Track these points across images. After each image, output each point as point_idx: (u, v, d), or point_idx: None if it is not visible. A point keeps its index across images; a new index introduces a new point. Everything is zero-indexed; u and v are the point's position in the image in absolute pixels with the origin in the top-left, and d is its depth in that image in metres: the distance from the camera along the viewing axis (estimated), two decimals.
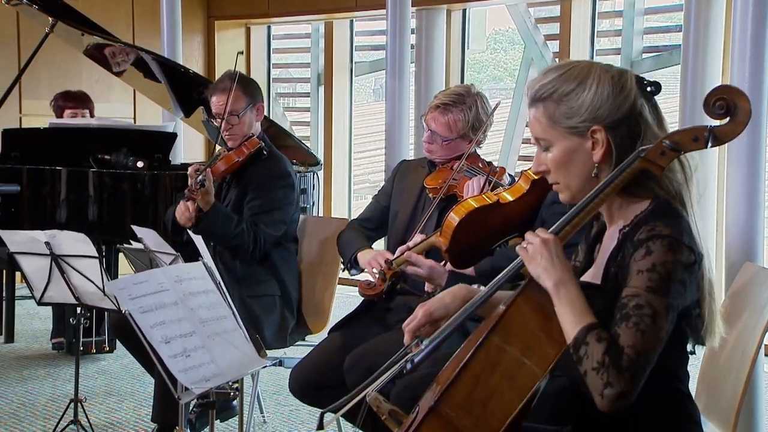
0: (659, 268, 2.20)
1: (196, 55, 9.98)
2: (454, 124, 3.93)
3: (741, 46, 4.26)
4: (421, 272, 3.46)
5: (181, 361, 2.80)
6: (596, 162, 2.39)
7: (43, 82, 8.74)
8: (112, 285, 2.88)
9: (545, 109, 2.42)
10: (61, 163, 5.88)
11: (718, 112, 2.25)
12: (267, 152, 4.63)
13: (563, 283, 2.26)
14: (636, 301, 2.18)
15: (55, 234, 4.08)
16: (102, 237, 5.75)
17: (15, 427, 5.01)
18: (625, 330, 2.17)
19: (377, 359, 3.57)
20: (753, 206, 4.25)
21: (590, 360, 2.16)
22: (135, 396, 5.53)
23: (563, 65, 2.45)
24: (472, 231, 3.21)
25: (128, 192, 5.64)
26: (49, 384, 5.79)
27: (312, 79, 10.06)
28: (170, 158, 6.29)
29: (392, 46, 6.44)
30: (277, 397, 5.34)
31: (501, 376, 2.19)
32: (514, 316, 2.25)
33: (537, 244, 2.31)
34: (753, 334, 3.16)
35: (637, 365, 2.14)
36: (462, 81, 8.59)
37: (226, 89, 4.57)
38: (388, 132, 6.34)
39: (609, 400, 2.13)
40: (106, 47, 6.39)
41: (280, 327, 4.55)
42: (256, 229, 4.47)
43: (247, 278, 4.53)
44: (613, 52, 8.19)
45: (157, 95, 6.91)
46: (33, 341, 6.82)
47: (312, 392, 3.84)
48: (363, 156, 11.72)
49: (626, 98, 2.35)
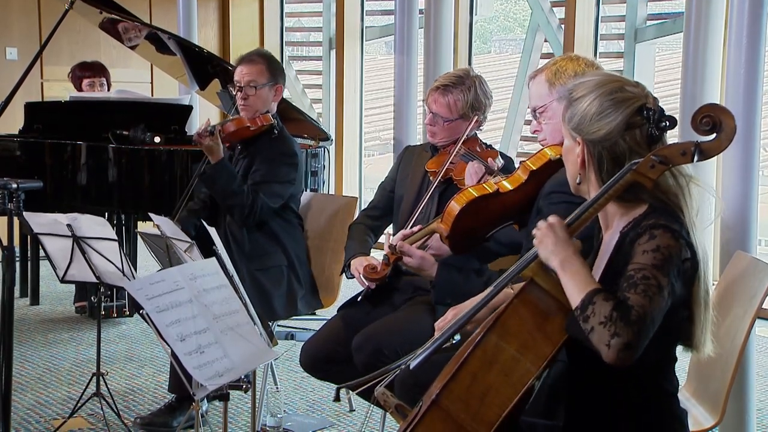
0: (663, 249, 2.30)
1: (211, 20, 10.09)
2: (455, 104, 4.08)
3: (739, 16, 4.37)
4: (412, 262, 3.55)
5: (195, 357, 2.92)
6: (578, 169, 2.55)
7: (63, 48, 8.90)
8: (129, 285, 3.03)
9: (564, 105, 2.59)
10: (81, 134, 6.11)
11: (704, 128, 2.37)
12: (278, 131, 4.78)
13: (568, 260, 2.37)
14: (643, 273, 2.27)
15: (76, 217, 4.23)
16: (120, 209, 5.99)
17: (41, 392, 5.23)
18: (633, 294, 2.25)
19: (384, 339, 3.76)
20: (747, 193, 4.31)
21: (597, 316, 2.23)
22: (154, 362, 5.76)
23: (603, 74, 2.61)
24: (472, 218, 3.31)
25: (146, 166, 5.87)
26: (72, 348, 6.04)
27: (324, 43, 10.15)
28: (186, 130, 6.49)
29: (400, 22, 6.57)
30: (290, 363, 5.56)
31: (498, 372, 2.34)
32: (511, 316, 2.39)
33: (544, 228, 2.44)
34: (742, 322, 3.26)
35: (644, 323, 2.21)
36: (470, 43, 8.78)
37: (253, 61, 4.75)
38: (397, 107, 6.48)
39: (616, 349, 2.19)
40: (120, 23, 6.56)
41: (288, 297, 4.70)
42: (255, 195, 4.62)
43: (255, 252, 4.69)
44: (617, 19, 8.26)
45: (173, 69, 7.08)
46: (57, 303, 7.08)
47: (322, 367, 4.02)
48: (373, 113, 11.79)
49: (608, 123, 2.45)
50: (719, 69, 5.62)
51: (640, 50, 7.92)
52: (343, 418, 4.92)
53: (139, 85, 9.44)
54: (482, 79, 4.17)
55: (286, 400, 5.15)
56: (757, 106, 4.39)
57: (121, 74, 7.84)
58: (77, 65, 7.14)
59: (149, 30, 6.54)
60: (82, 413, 4.71)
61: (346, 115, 9.68)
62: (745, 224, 4.29)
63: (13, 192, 4.85)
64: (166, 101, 6.76)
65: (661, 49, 8.53)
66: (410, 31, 6.84)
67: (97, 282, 4.37)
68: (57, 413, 4.91)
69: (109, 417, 4.57)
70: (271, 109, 4.84)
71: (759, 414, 5.02)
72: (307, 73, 10.89)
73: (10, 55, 9.21)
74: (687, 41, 5.58)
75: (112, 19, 6.53)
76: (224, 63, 6.59)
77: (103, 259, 4.23)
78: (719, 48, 5.61)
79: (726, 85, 4.51)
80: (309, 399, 5.20)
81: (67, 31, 8.39)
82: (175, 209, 4.75)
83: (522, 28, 12.57)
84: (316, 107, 10.40)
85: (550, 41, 8.50)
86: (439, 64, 6.77)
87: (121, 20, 6.49)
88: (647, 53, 8.01)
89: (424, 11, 6.98)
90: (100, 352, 4.54)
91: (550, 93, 3.30)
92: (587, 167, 2.53)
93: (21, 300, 6.99)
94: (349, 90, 9.66)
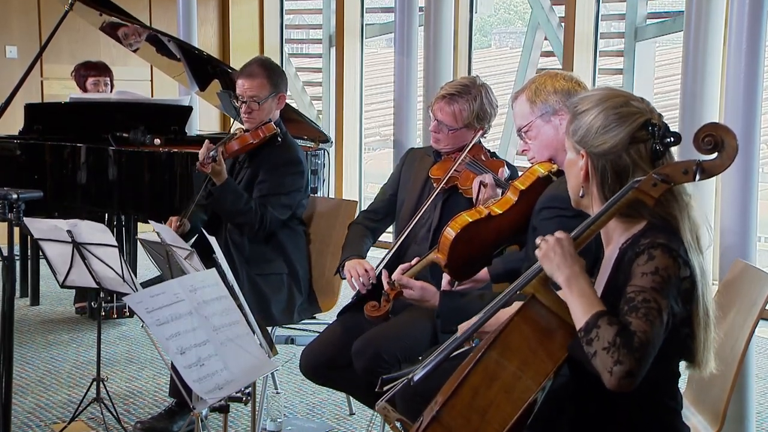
0: (662, 271, 2.31)
1: (210, 18, 10.09)
2: (460, 113, 4.07)
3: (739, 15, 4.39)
4: (414, 294, 3.49)
5: (195, 370, 2.92)
6: (581, 182, 2.56)
7: (63, 46, 8.90)
8: (130, 299, 3.03)
9: (569, 118, 2.60)
10: (81, 135, 6.11)
11: (706, 147, 2.36)
12: (281, 138, 4.76)
13: (575, 277, 2.37)
14: (643, 296, 2.29)
15: (76, 223, 4.21)
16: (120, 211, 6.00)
17: (41, 395, 5.23)
18: (635, 318, 2.26)
19: (384, 344, 3.79)
20: (746, 201, 4.32)
21: (601, 341, 2.25)
22: (154, 363, 5.76)
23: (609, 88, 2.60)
24: (468, 244, 3.31)
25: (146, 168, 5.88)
26: (72, 350, 6.05)
27: (324, 41, 10.15)
28: (186, 131, 6.50)
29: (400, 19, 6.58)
30: (290, 366, 5.58)
31: (498, 389, 2.35)
32: (512, 333, 2.39)
33: (551, 242, 2.44)
34: (742, 331, 3.28)
35: (646, 349, 2.23)
36: (470, 40, 8.78)
37: (253, 74, 4.70)
38: (397, 107, 6.49)
39: (617, 377, 2.21)
40: (120, 27, 6.57)
41: (287, 304, 4.71)
42: (264, 210, 4.62)
43: (256, 257, 4.69)
44: (617, 18, 8.27)
45: (172, 70, 7.09)
46: (57, 304, 7.10)
47: (322, 372, 4.05)
48: (373, 108, 11.79)
49: (613, 137, 2.46)
50: (719, 68, 5.63)
51: (640, 49, 7.92)
52: (343, 422, 4.93)
53: (139, 83, 9.47)
54: (488, 88, 4.17)
55: (286, 403, 5.16)
56: (757, 102, 4.42)
57: (121, 72, 7.82)
58: (81, 64, 7.16)
59: (149, 32, 6.53)
60: (83, 417, 4.71)
61: (346, 112, 9.68)
62: (744, 231, 4.30)
63: (13, 203, 4.86)
64: (166, 102, 6.77)
65: (661, 44, 8.51)
66: (410, 29, 6.83)
67: (97, 287, 4.37)
68: (57, 417, 4.92)
69: (110, 422, 4.58)
70: (274, 117, 4.82)
71: (758, 417, 5.02)
72: (307, 70, 10.88)
73: (10, 54, 9.22)
74: (687, 40, 5.58)
75: (113, 23, 6.53)
76: (224, 66, 6.59)
77: (103, 264, 4.23)
78: (719, 47, 5.63)
79: (726, 83, 4.52)
80: (309, 402, 5.20)
81: (67, 29, 8.34)
82: (185, 211, 4.75)
83: (522, 20, 12.54)
84: (316, 105, 10.41)
85: (550, 39, 8.51)
86: (440, 62, 6.78)
87: (121, 24, 6.48)
88: (647, 52, 8.01)
89: (424, 9, 6.98)
90: (100, 357, 4.55)
91: (532, 111, 3.33)
92: (590, 181, 2.54)
93: (21, 300, 7.00)
94: (349, 88, 9.67)
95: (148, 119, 6.18)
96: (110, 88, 7.08)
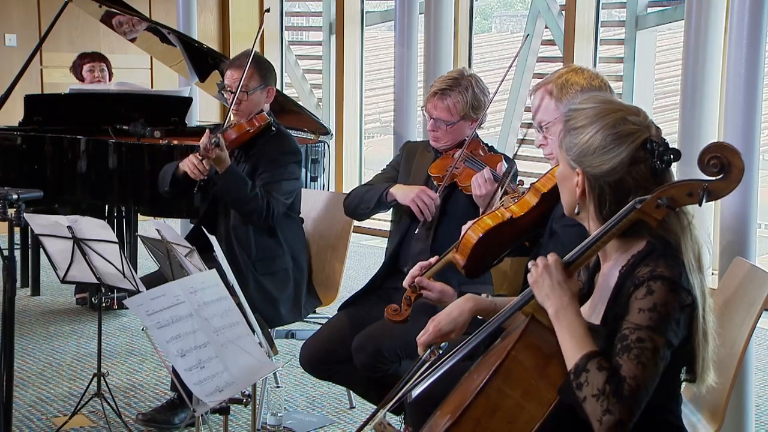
0: (660, 308, 2.26)
1: (210, 5, 10.07)
2: (454, 107, 4.07)
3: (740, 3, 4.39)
4: (432, 296, 3.46)
5: (195, 373, 2.92)
6: (577, 199, 2.50)
7: (63, 34, 8.89)
8: (130, 302, 3.03)
9: (562, 131, 2.54)
10: (81, 126, 6.11)
11: (712, 169, 2.30)
12: (275, 129, 4.77)
13: (564, 309, 2.33)
14: (638, 334, 2.24)
15: (76, 219, 4.22)
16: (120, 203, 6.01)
17: (42, 388, 5.24)
18: (627, 361, 2.22)
19: (384, 340, 3.82)
20: (746, 200, 4.29)
21: (591, 387, 2.20)
22: (155, 355, 5.74)
23: (603, 101, 2.51)
24: (486, 246, 3.29)
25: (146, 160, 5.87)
26: (74, 342, 6.06)
27: (324, 28, 10.13)
28: (186, 121, 6.49)
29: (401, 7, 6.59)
30: (290, 358, 5.59)
31: (501, 419, 2.28)
32: (514, 361, 2.32)
33: (540, 269, 2.40)
34: (741, 330, 3.26)
35: (637, 396, 2.19)
36: (470, 25, 8.77)
37: (241, 66, 4.68)
38: (397, 97, 6.49)
39: (607, 427, 2.17)
40: (115, 16, 6.56)
41: (294, 301, 4.72)
42: (269, 196, 4.60)
43: (262, 256, 4.69)
44: (618, 6, 8.25)
45: (172, 61, 7.08)
46: (58, 294, 7.10)
47: (322, 367, 4.07)
48: (374, 94, 11.77)
49: (611, 159, 2.40)
50: (720, 58, 5.60)
51: (641, 37, 7.91)
52: (344, 416, 4.94)
53: (139, 71, 9.46)
54: (477, 77, 4.17)
55: (286, 396, 5.17)
56: (758, 92, 4.41)
57: (121, 60, 7.82)
58: (77, 56, 7.19)
59: (148, 24, 6.52)
60: (84, 411, 4.71)
61: (347, 100, 9.67)
62: (744, 230, 4.28)
63: (13, 202, 4.86)
64: (166, 93, 6.76)
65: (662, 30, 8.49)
66: (410, 17, 6.80)
67: (98, 283, 4.38)
68: (59, 410, 4.93)
69: (111, 416, 4.59)
70: (264, 110, 4.82)
71: (758, 411, 5.03)
72: (308, 58, 10.86)
73: (10, 42, 9.21)
74: (688, 29, 5.56)
75: (111, 12, 6.51)
76: (224, 58, 6.57)
77: (104, 260, 4.24)
78: (720, 36, 5.59)
79: (727, 72, 4.52)
80: (309, 396, 5.21)
81: (67, 17, 8.28)
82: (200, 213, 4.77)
83: (523, 3, 12.51)
84: (316, 92, 10.39)
85: (551, 28, 8.48)
86: (440, 49, 6.75)
87: (120, 14, 6.47)
88: (648, 40, 8.00)
89: None
90: (101, 352, 4.56)
91: (557, 108, 3.25)
92: (587, 199, 2.48)
93: (22, 290, 7.01)
94: (350, 75, 9.65)
95: (148, 110, 6.16)
96: (107, 74, 7.08)
